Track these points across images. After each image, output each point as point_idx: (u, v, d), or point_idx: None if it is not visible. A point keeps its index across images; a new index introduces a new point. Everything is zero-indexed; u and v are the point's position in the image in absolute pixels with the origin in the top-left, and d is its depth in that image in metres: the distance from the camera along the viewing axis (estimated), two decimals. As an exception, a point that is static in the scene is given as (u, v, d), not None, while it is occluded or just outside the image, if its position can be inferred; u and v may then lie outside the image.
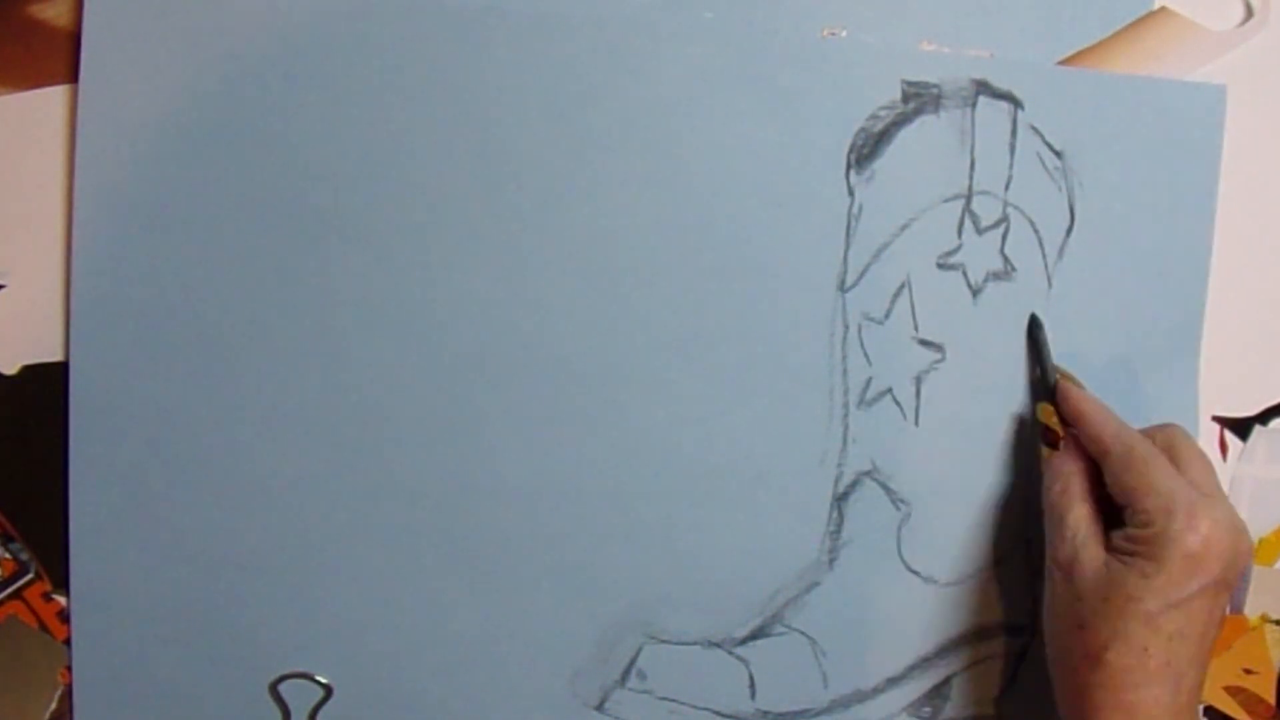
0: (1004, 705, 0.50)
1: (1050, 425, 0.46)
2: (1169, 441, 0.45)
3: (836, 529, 0.48)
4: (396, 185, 0.46)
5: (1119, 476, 0.43)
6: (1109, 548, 0.42)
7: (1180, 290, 0.50)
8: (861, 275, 0.48)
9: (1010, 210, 0.48)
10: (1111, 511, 0.43)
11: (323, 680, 0.47)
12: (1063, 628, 0.43)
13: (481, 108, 0.46)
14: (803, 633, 0.49)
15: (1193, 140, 0.49)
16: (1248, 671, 0.52)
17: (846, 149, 0.47)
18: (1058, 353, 0.48)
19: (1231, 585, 0.41)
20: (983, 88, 0.48)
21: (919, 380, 0.48)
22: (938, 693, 0.50)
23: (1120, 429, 0.44)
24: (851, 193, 0.47)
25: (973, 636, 0.50)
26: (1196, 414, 0.50)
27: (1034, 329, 0.48)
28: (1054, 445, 0.46)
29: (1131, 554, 0.41)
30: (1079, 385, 0.47)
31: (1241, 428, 0.51)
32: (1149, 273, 0.49)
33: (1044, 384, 0.47)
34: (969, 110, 0.48)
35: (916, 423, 0.48)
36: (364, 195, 0.46)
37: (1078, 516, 0.43)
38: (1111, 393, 0.48)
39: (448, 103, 0.46)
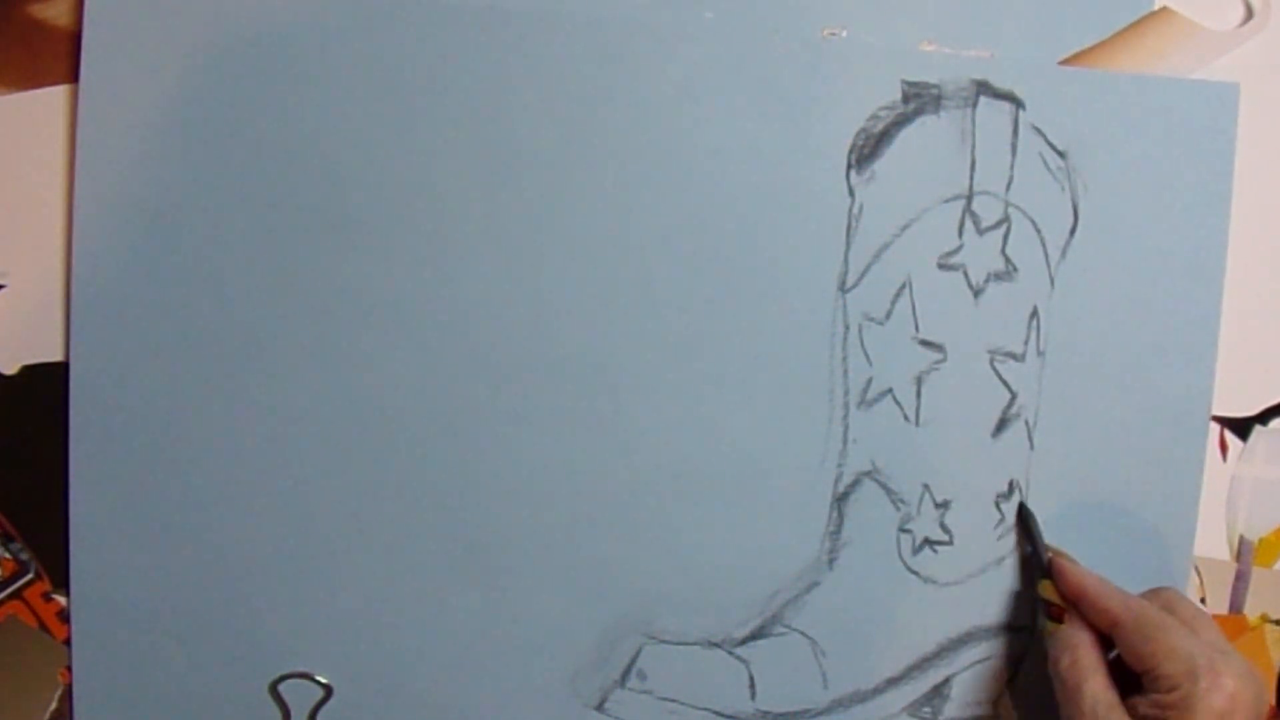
0: (1004, 705, 0.50)
1: (1053, 600, 0.46)
2: (1168, 604, 0.44)
3: (836, 529, 0.48)
4: (396, 185, 0.46)
5: (1135, 645, 0.42)
6: (1134, 715, 0.42)
7: (1195, 289, 0.49)
8: (862, 275, 0.48)
9: (1011, 210, 0.48)
10: (1123, 679, 0.43)
11: (323, 680, 0.47)
12: None
13: (482, 108, 0.46)
14: (803, 633, 0.49)
15: (1204, 139, 0.49)
16: (1248, 671, 0.52)
17: (847, 149, 0.47)
18: (1059, 350, 0.48)
19: None
20: (983, 88, 0.48)
21: (919, 380, 0.48)
22: (938, 693, 0.50)
23: (1126, 598, 0.44)
24: (852, 193, 0.47)
25: (973, 636, 0.50)
26: (1207, 415, 0.50)
27: (1024, 515, 0.49)
28: (1057, 619, 0.46)
29: None
30: (1073, 561, 0.47)
31: (1241, 428, 0.51)
32: (1161, 272, 0.49)
33: (1037, 564, 0.48)
34: (969, 110, 0.48)
35: (917, 423, 0.48)
36: (363, 195, 0.46)
37: (1095, 688, 0.43)
38: (1120, 393, 0.48)
39: (448, 103, 0.46)
